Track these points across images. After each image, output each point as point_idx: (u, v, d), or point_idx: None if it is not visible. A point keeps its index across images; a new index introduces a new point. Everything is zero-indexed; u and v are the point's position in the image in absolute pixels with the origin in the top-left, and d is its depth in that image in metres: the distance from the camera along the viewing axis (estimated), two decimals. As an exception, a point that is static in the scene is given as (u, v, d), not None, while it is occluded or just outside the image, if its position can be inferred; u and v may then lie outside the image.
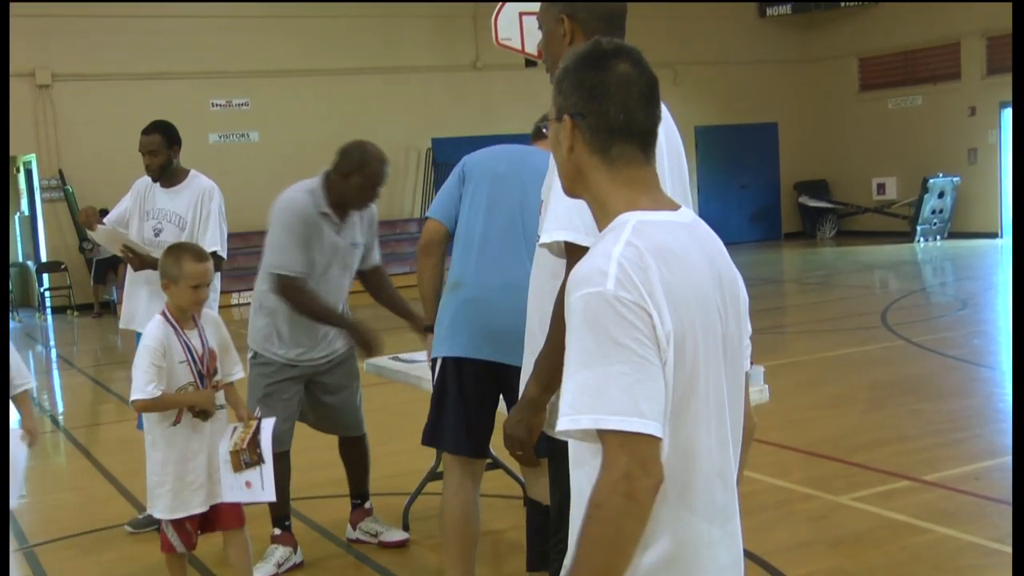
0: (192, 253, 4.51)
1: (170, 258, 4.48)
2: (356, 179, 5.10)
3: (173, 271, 4.43)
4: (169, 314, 4.47)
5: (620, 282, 1.97)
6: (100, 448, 8.17)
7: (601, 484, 1.95)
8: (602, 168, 2.16)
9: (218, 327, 4.65)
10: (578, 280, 2.02)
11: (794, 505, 5.87)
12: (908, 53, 22.35)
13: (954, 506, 5.73)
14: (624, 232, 2.05)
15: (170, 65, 18.15)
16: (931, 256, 19.65)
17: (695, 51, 22.21)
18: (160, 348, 4.36)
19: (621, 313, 1.96)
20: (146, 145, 5.98)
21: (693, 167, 22.83)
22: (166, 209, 6.02)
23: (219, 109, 18.80)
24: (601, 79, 2.14)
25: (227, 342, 4.66)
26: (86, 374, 12.25)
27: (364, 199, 5.20)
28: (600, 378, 1.95)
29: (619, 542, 1.94)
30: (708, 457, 2.08)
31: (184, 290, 4.41)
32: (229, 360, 4.65)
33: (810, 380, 9.09)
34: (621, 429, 1.93)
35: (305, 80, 19.19)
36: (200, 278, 4.43)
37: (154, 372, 4.32)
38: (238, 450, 4.46)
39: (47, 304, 17.63)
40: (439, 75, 20.23)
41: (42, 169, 17.57)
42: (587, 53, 2.18)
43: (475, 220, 4.25)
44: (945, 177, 21.19)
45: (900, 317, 12.28)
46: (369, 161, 5.13)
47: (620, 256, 2.00)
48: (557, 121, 2.20)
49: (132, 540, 5.87)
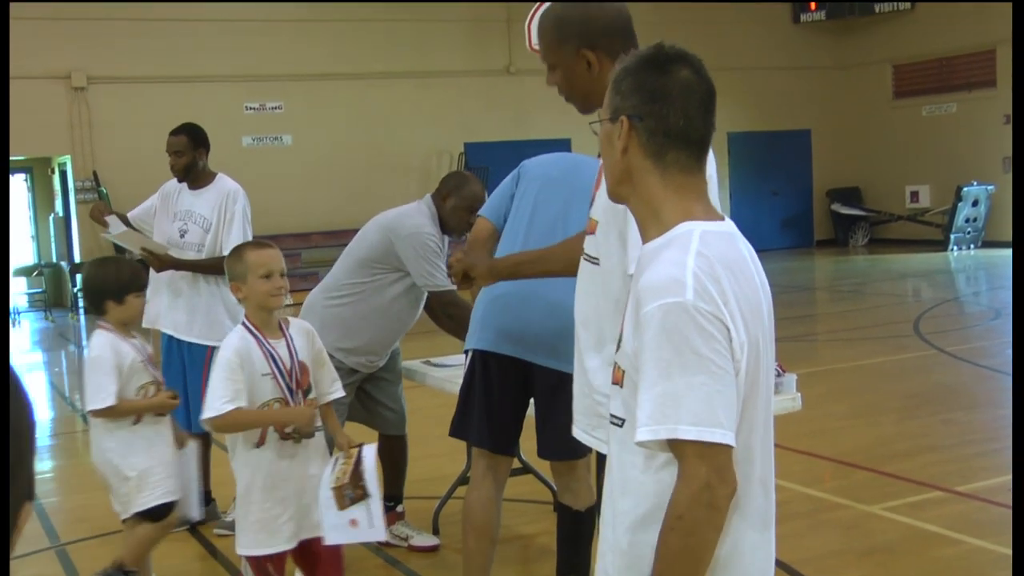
0: (253, 243, 4.18)
1: (231, 257, 4.05)
2: (453, 201, 5.28)
3: (237, 268, 3.95)
4: (248, 322, 3.94)
5: (698, 292, 1.98)
6: (131, 448, 8.16)
7: (682, 495, 1.96)
8: (655, 172, 2.16)
9: (311, 338, 4.12)
10: (654, 289, 2.02)
11: (825, 514, 5.84)
12: (943, 60, 22.20)
13: (987, 517, 5.68)
14: (692, 242, 2.06)
15: (204, 68, 18.27)
16: (964, 265, 19.52)
17: (728, 57, 22.11)
18: (236, 360, 3.82)
19: (700, 324, 1.97)
20: (172, 145, 6.06)
21: (725, 173, 22.76)
22: (191, 210, 6.08)
23: (253, 112, 18.89)
24: (663, 83, 2.14)
25: (322, 355, 4.16)
26: (118, 374, 12.23)
27: (461, 222, 5.29)
28: (680, 389, 1.96)
29: (702, 552, 1.98)
30: (757, 464, 2.11)
31: (255, 284, 3.90)
32: (325, 376, 4.14)
33: (842, 389, 9.03)
34: (701, 440, 1.95)
35: (338, 84, 19.27)
36: (267, 264, 3.92)
37: (229, 387, 3.79)
38: (341, 485, 3.93)
39: (80, 304, 17.74)
40: (472, 79, 20.27)
41: (76, 171, 17.71)
42: (650, 56, 2.18)
43: (520, 220, 4.31)
44: (979, 185, 21.04)
45: (933, 326, 12.20)
46: (467, 183, 5.35)
47: (695, 267, 2.01)
48: (612, 121, 2.19)
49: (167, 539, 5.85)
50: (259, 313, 3.95)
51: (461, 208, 5.24)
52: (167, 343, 6.15)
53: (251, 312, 3.96)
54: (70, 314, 17.70)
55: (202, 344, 5.91)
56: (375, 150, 19.34)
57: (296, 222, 18.33)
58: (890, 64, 23.19)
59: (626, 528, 2.13)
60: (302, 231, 18.25)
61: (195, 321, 5.98)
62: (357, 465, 3.97)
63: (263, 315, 3.95)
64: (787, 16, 23.32)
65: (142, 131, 17.14)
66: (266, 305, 3.93)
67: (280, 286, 3.93)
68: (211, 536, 5.85)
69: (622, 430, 2.16)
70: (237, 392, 3.80)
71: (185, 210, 6.09)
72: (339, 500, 3.93)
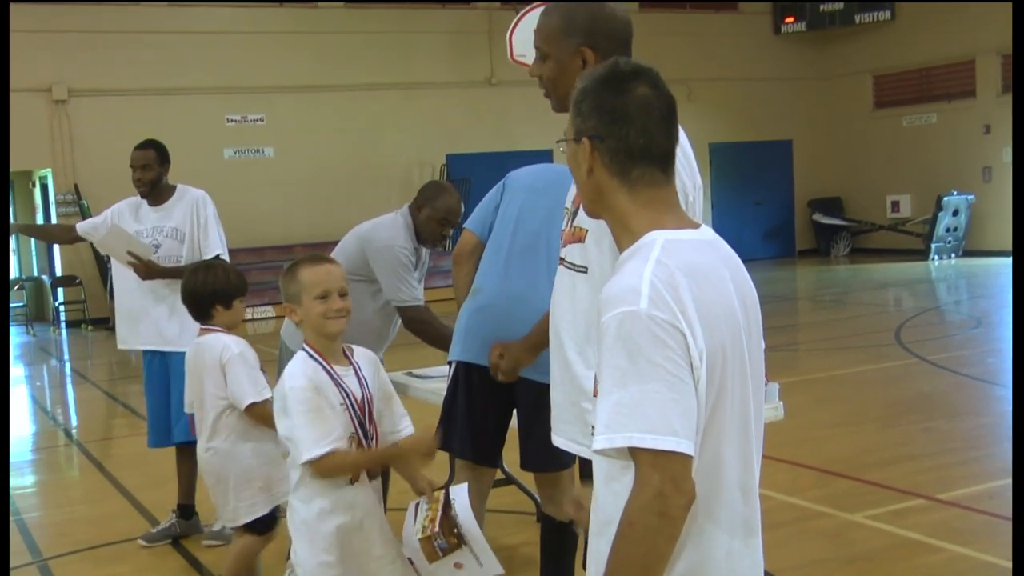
0: (308, 259, 3.64)
1: (286, 276, 3.59)
2: (427, 212, 5.28)
3: (291, 288, 3.55)
4: (310, 348, 3.53)
5: (653, 301, 1.98)
6: (114, 462, 8.16)
7: (634, 503, 1.96)
8: (622, 189, 2.16)
9: (376, 368, 3.72)
10: (611, 299, 2.03)
11: (808, 523, 5.85)
12: (923, 71, 22.34)
13: (968, 525, 5.71)
14: (653, 251, 2.06)
15: (185, 80, 18.26)
16: (945, 274, 19.61)
17: (710, 68, 22.23)
18: (312, 389, 3.41)
19: (655, 332, 1.97)
20: (139, 159, 5.97)
21: (707, 184, 22.81)
22: (160, 225, 6.01)
23: (234, 124, 18.87)
24: (621, 102, 2.15)
25: (389, 388, 3.77)
26: (100, 388, 12.27)
27: (434, 233, 5.30)
28: (635, 396, 1.96)
29: (651, 560, 1.97)
30: (732, 470, 2.10)
31: (310, 305, 3.49)
32: (394, 410, 3.76)
33: (824, 397, 9.06)
34: (655, 448, 1.94)
35: (320, 96, 19.28)
36: (323, 283, 3.51)
37: (320, 425, 3.37)
38: (429, 535, 3.42)
39: (62, 318, 17.69)
40: (454, 91, 20.30)
41: (58, 184, 17.66)
42: (606, 75, 2.18)
43: (504, 231, 4.31)
44: (960, 195, 21.15)
45: (914, 335, 12.25)
46: (442, 194, 5.32)
47: (652, 275, 2.01)
48: (575, 142, 2.20)
49: (146, 553, 5.88)
50: (319, 339, 3.53)
51: (434, 219, 5.24)
52: (150, 361, 6.09)
53: (311, 337, 3.56)
54: (52, 328, 17.64)
55: None
56: (357, 162, 19.34)
57: (278, 234, 18.32)
58: (870, 75, 23.33)
59: (593, 536, 2.16)
60: (284, 243, 18.22)
61: (185, 330, 5.71)
62: (446, 510, 3.44)
63: (324, 341, 3.53)
64: (768, 27, 23.44)
65: (123, 144, 16.83)
66: (323, 330, 3.50)
67: (338, 308, 3.50)
68: (195, 550, 5.83)
69: None
70: (333, 428, 3.39)
71: (153, 226, 6.01)
72: (428, 551, 3.42)
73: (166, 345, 5.98)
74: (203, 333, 4.57)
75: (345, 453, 3.42)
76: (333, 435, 3.38)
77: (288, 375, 3.47)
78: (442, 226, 5.26)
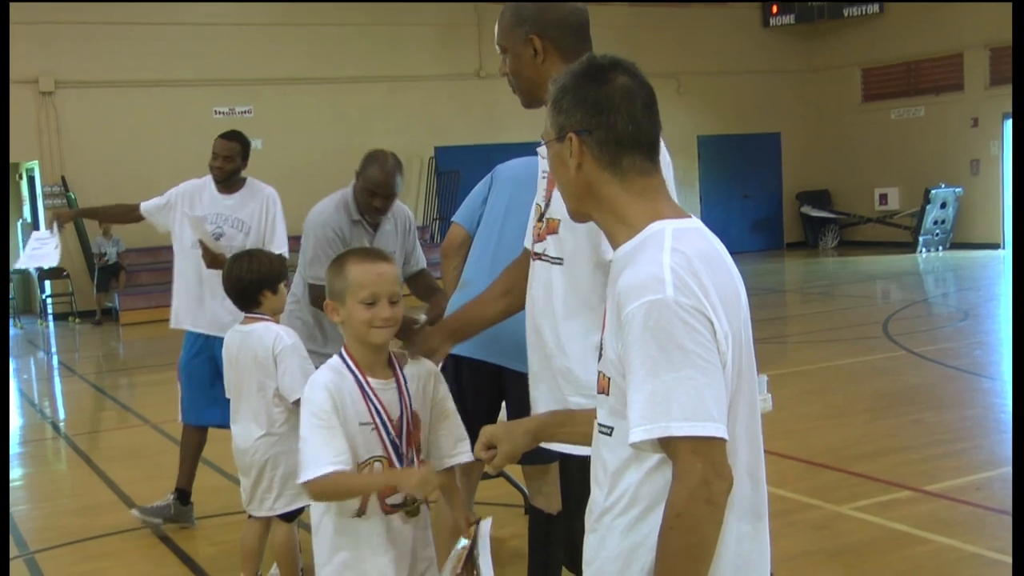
0: (359, 252, 3.18)
1: (332, 268, 3.13)
2: (360, 181, 5.21)
3: (336, 283, 3.06)
4: (347, 355, 3.08)
5: (678, 288, 1.97)
6: (101, 455, 8.15)
7: (679, 493, 1.95)
8: (614, 181, 2.15)
9: (428, 383, 3.23)
10: (633, 289, 2.01)
11: (795, 515, 5.86)
12: (911, 64, 22.37)
13: (955, 516, 5.73)
14: (666, 240, 2.05)
15: (173, 72, 18.19)
16: (933, 267, 19.65)
17: (699, 61, 22.23)
18: (328, 403, 2.98)
19: (684, 319, 1.96)
20: (225, 149, 6.09)
21: (696, 176, 22.87)
22: (224, 214, 6.06)
23: (222, 116, 18.77)
24: (605, 92, 2.14)
25: (446, 407, 3.28)
26: (87, 381, 12.22)
27: (367, 205, 5.20)
28: (669, 385, 1.95)
29: (703, 549, 1.96)
30: (743, 455, 2.09)
31: (354, 309, 3.00)
32: (448, 433, 3.25)
33: (812, 390, 9.09)
34: (695, 435, 1.93)
35: (308, 88, 19.24)
36: (372, 285, 3.00)
37: (326, 442, 2.95)
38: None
39: (49, 311, 17.63)
40: (442, 84, 20.28)
41: (45, 176, 17.59)
42: (584, 70, 2.18)
43: (493, 223, 4.31)
44: (947, 188, 21.17)
45: (902, 327, 12.27)
46: (369, 164, 5.20)
47: (672, 263, 2.00)
48: (559, 141, 2.19)
49: (132, 547, 5.87)
50: (359, 347, 3.07)
51: (363, 190, 5.18)
52: (195, 343, 6.07)
53: (351, 343, 3.09)
54: (39, 321, 17.59)
55: None
56: (345, 154, 19.17)
57: None
58: (859, 68, 23.36)
59: (621, 533, 2.11)
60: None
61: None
62: (472, 546, 3.03)
63: (363, 350, 3.07)
64: (757, 20, 23.44)
65: (111, 135, 17.11)
66: (366, 339, 3.02)
67: (386, 317, 3.00)
68: (181, 542, 5.82)
69: (612, 438, 2.13)
70: (338, 449, 2.96)
71: (217, 213, 6.06)
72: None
73: (221, 331, 5.94)
74: (248, 321, 4.55)
75: (345, 476, 2.96)
76: (337, 456, 2.93)
77: (311, 382, 3.07)
78: (371, 197, 5.16)
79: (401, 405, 3.08)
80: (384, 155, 5.30)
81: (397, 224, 5.40)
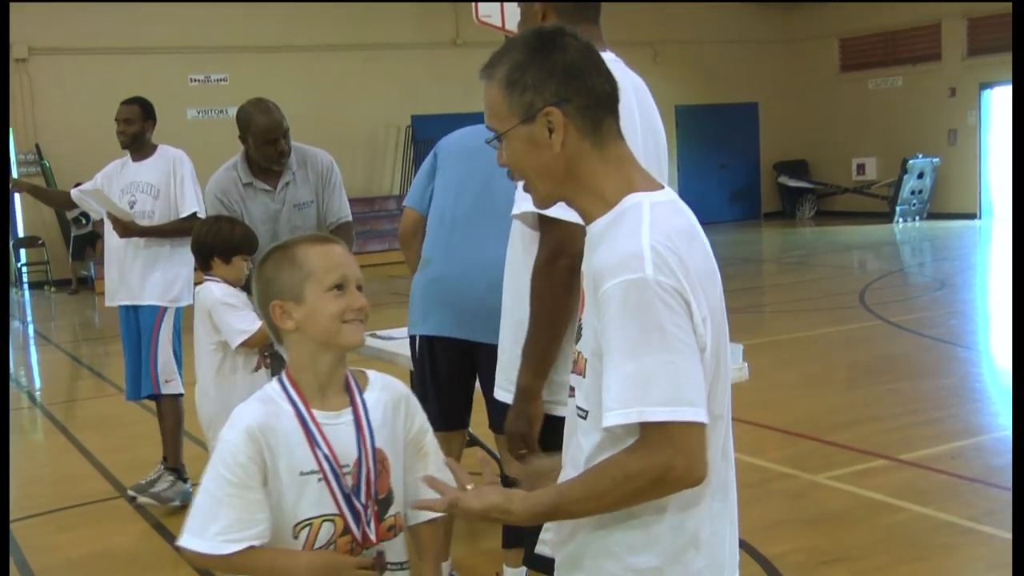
0: (307, 237, 2.46)
1: (275, 261, 2.37)
2: (250, 140, 5.06)
3: (290, 277, 2.32)
4: (289, 381, 2.34)
5: (658, 267, 1.90)
6: (77, 424, 8.12)
7: (638, 461, 1.91)
8: (593, 152, 2.04)
9: (399, 410, 2.49)
10: (611, 267, 1.93)
11: (771, 484, 5.89)
12: (889, 34, 22.32)
13: (929, 485, 5.76)
14: (643, 215, 1.97)
15: (148, 40, 18.00)
16: (910, 237, 19.71)
17: (676, 30, 22.15)
18: (248, 449, 2.24)
19: (663, 299, 1.89)
20: (123, 113, 6.11)
21: (673, 146, 22.81)
22: (136, 181, 6.09)
23: (197, 84, 18.66)
24: (570, 57, 2.02)
25: (424, 441, 2.56)
26: (63, 350, 12.17)
27: (267, 155, 5.06)
28: (646, 367, 1.88)
29: (626, 504, 1.96)
30: (718, 437, 2.07)
31: (320, 302, 2.29)
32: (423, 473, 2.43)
33: (788, 359, 9.10)
34: (672, 420, 1.88)
35: (285, 56, 19.06)
36: (340, 268, 2.33)
37: (231, 506, 2.22)
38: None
39: (24, 280, 17.52)
40: (419, 52, 20.13)
41: (18, 143, 17.39)
42: (536, 43, 2.05)
43: (446, 198, 4.26)
44: (925, 158, 21.17)
45: (878, 297, 12.32)
46: (252, 118, 5.04)
47: (652, 240, 1.92)
48: (529, 122, 2.03)
49: (108, 517, 5.86)
50: (311, 367, 2.34)
51: (259, 145, 5.01)
52: (124, 316, 6.14)
53: (303, 360, 2.34)
54: (14, 289, 17.46)
55: (155, 306, 5.97)
56: (322, 123, 19.12)
57: None
58: (837, 38, 23.30)
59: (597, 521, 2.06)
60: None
61: (146, 283, 6.01)
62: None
63: (326, 364, 2.34)
64: (735, -11, 23.37)
65: (85, 103, 16.92)
66: (337, 341, 2.31)
67: (362, 306, 2.33)
68: (159, 514, 5.80)
69: (587, 422, 2.07)
70: (249, 518, 2.23)
71: (130, 182, 6.09)
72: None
73: (134, 299, 6.07)
74: (205, 281, 4.58)
75: (259, 554, 2.25)
76: (244, 528, 2.22)
77: (232, 418, 2.31)
78: (270, 146, 5.02)
79: (360, 444, 2.33)
80: (259, 102, 5.14)
81: (310, 173, 5.23)
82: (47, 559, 5.32)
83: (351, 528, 2.31)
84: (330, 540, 2.31)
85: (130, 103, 6.14)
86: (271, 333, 2.38)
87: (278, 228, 5.11)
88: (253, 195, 5.12)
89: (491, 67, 2.10)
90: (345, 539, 2.32)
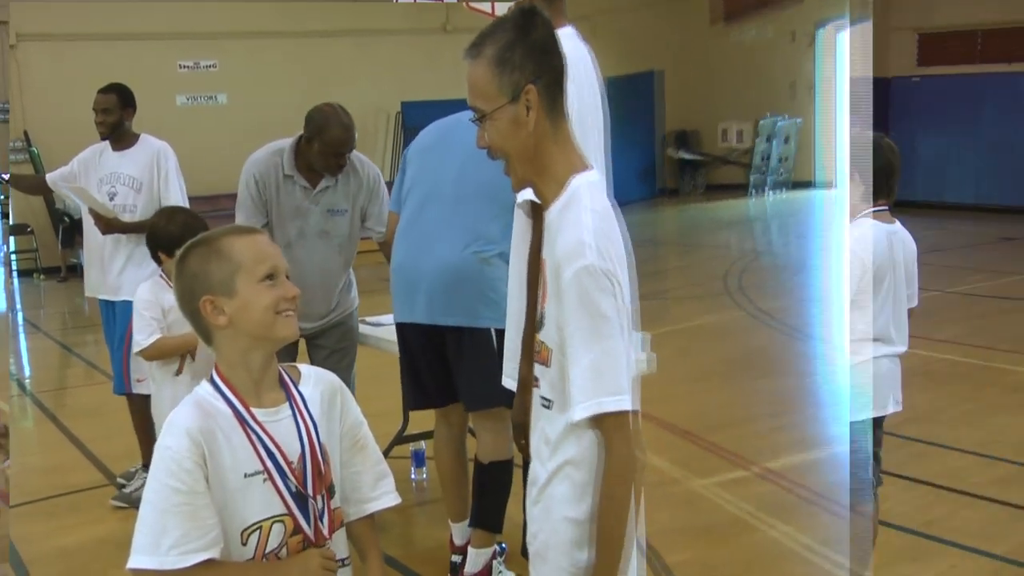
0: (231, 228, 2.14)
1: (200, 255, 2.05)
2: (316, 145, 4.64)
3: (218, 270, 2.02)
4: (221, 380, 2.04)
5: (599, 253, 1.77)
6: (66, 412, 7.71)
7: (610, 475, 1.79)
8: (550, 131, 1.88)
9: (336, 400, 2.18)
10: (566, 256, 1.79)
11: (669, 487, 5.39)
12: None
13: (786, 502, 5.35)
14: (583, 199, 1.83)
15: (137, 26, 16.80)
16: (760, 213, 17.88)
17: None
18: (189, 459, 1.94)
19: (601, 284, 1.77)
20: (101, 103, 5.52)
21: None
22: (117, 172, 5.54)
23: (187, 71, 17.57)
24: (542, 35, 1.87)
25: (360, 434, 2.22)
26: (53, 338, 11.35)
27: (328, 165, 4.66)
28: (598, 358, 1.76)
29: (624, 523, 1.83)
30: None
31: (253, 293, 2.01)
32: (367, 468, 2.22)
33: (681, 350, 8.46)
34: (617, 410, 1.76)
35: (274, 42, 17.79)
36: (269, 258, 2.05)
37: (179, 517, 1.92)
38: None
39: (13, 267, 16.32)
40: (409, 38, 18.82)
41: (7, 130, 16.54)
42: (520, 20, 1.88)
43: (408, 194, 4.10)
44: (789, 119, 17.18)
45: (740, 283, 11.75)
46: (328, 126, 4.53)
47: (593, 225, 1.79)
48: (515, 102, 1.85)
49: (97, 506, 5.56)
50: (243, 365, 2.04)
51: (327, 154, 4.56)
52: (104, 310, 5.72)
53: (234, 358, 2.04)
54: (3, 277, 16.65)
55: (131, 302, 5.51)
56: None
57: (231, 182, 16.81)
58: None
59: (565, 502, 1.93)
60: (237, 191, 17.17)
61: (124, 279, 5.50)
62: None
63: (259, 359, 2.05)
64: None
65: (74, 89, 15.94)
66: (272, 334, 2.03)
67: (294, 296, 2.06)
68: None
69: (552, 411, 1.92)
70: (201, 526, 1.93)
71: (109, 172, 5.55)
72: None
73: (110, 294, 5.63)
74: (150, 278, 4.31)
75: (218, 568, 1.95)
76: (195, 540, 1.92)
77: (169, 424, 1.99)
78: (336, 158, 4.65)
79: (302, 439, 2.04)
80: (336, 112, 4.60)
81: (351, 182, 4.72)
82: (37, 548, 5.05)
83: (302, 527, 2.04)
84: (281, 542, 2.04)
85: (107, 91, 5.48)
86: (198, 332, 2.07)
87: (306, 227, 4.73)
88: (290, 188, 4.70)
89: (478, 46, 1.91)
90: (296, 539, 2.05)
